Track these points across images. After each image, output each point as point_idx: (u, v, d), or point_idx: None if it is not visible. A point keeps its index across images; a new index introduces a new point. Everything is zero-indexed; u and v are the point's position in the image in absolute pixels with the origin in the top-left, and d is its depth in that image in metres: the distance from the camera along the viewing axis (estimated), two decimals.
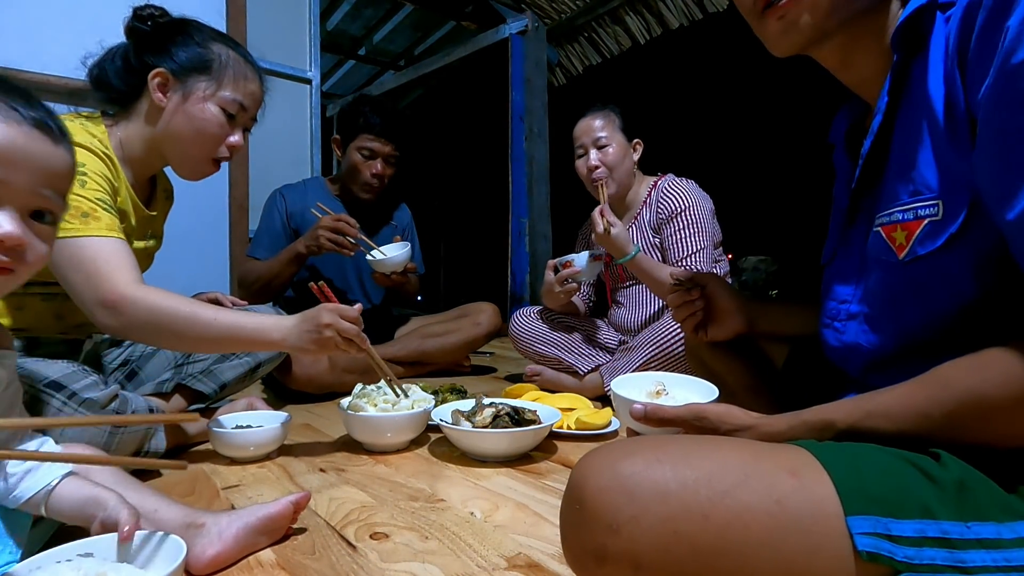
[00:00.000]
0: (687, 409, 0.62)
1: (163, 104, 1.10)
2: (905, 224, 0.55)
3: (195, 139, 1.12)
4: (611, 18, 3.41)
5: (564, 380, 1.74)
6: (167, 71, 1.09)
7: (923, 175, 0.54)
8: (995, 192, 0.46)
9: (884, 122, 0.59)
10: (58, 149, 0.63)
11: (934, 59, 0.54)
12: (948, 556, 0.43)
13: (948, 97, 0.52)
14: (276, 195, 1.95)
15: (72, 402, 0.92)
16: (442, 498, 0.94)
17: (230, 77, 1.13)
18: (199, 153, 1.14)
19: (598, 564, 0.46)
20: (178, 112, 1.10)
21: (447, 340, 2.02)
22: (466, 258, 4.63)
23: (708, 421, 0.61)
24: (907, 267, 0.56)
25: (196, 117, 1.11)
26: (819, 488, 0.45)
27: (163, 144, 1.12)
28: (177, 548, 0.60)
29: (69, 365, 0.97)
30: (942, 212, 0.52)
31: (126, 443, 0.97)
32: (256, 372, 1.36)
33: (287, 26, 2.69)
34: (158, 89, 1.09)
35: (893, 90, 0.58)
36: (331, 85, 5.12)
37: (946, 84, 0.52)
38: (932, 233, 0.53)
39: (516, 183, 3.47)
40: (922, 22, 0.55)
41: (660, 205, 1.69)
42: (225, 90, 1.13)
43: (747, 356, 0.94)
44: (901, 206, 0.56)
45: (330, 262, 1.94)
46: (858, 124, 0.71)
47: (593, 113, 1.72)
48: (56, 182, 0.63)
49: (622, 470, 0.47)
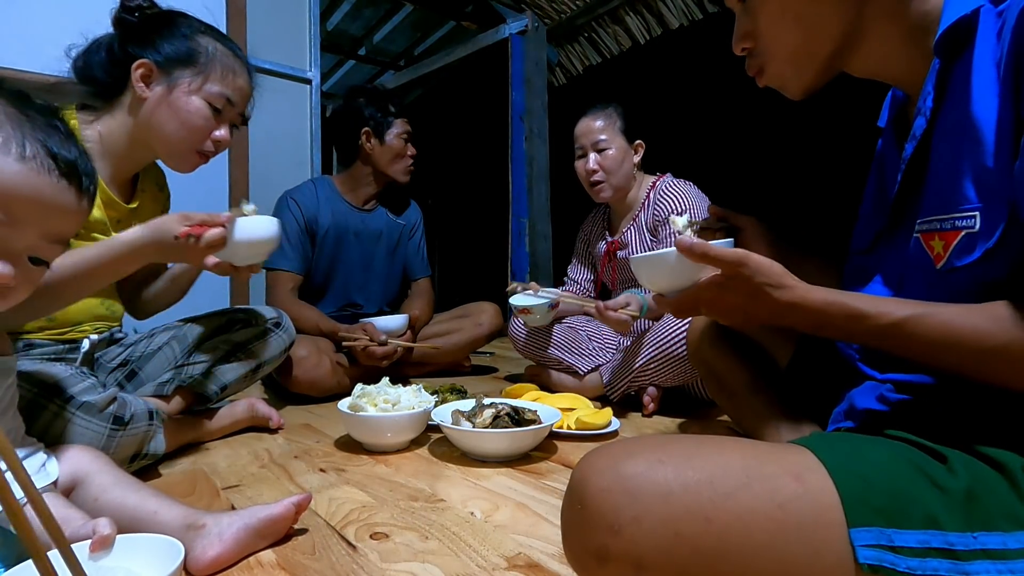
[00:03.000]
0: (733, 252, 0.60)
1: (145, 95, 1.08)
2: (943, 234, 0.54)
3: (179, 132, 1.10)
4: (611, 18, 3.41)
5: (564, 380, 1.74)
6: (151, 63, 1.07)
7: (963, 184, 0.53)
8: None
9: (928, 127, 0.58)
10: (81, 204, 0.62)
11: (981, 61, 0.52)
12: (952, 568, 0.42)
13: (1000, 106, 0.50)
14: (286, 200, 1.92)
15: (70, 406, 0.90)
16: (442, 498, 0.94)
17: (217, 71, 1.12)
18: (183, 146, 1.12)
19: (599, 564, 0.46)
20: (162, 104, 1.09)
21: (448, 340, 2.01)
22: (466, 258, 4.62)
23: (747, 269, 0.59)
24: (945, 276, 0.55)
25: (180, 109, 1.09)
26: (823, 496, 0.45)
27: (147, 136, 1.11)
28: (175, 551, 0.60)
29: (67, 368, 0.95)
30: (979, 224, 0.51)
31: (125, 445, 0.96)
32: (257, 372, 1.36)
33: (287, 26, 2.69)
34: (141, 80, 1.07)
35: (937, 94, 0.57)
36: (331, 85, 5.11)
37: (999, 91, 0.51)
38: (969, 246, 0.52)
39: (516, 183, 3.47)
40: (968, 24, 0.54)
41: (656, 207, 1.68)
42: (211, 84, 1.11)
43: (749, 356, 0.94)
44: (940, 215, 0.55)
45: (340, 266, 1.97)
46: (903, 111, 0.70)
47: (594, 113, 1.71)
48: (67, 235, 0.63)
49: (624, 471, 0.47)
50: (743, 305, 0.62)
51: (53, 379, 0.92)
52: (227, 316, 1.36)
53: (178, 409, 1.22)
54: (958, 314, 0.50)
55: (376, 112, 1.93)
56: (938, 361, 0.52)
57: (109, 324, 1.18)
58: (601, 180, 1.68)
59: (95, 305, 1.14)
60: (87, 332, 1.13)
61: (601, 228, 1.90)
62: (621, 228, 1.79)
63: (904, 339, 0.53)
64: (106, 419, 0.93)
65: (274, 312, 1.42)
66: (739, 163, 2.81)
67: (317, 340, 1.72)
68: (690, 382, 1.54)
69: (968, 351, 0.49)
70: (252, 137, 2.39)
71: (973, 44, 0.53)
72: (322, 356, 1.66)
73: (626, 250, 1.76)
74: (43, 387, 0.90)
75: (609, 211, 1.87)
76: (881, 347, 0.56)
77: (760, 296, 0.60)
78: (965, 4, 0.54)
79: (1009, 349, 0.47)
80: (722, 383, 0.98)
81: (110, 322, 1.19)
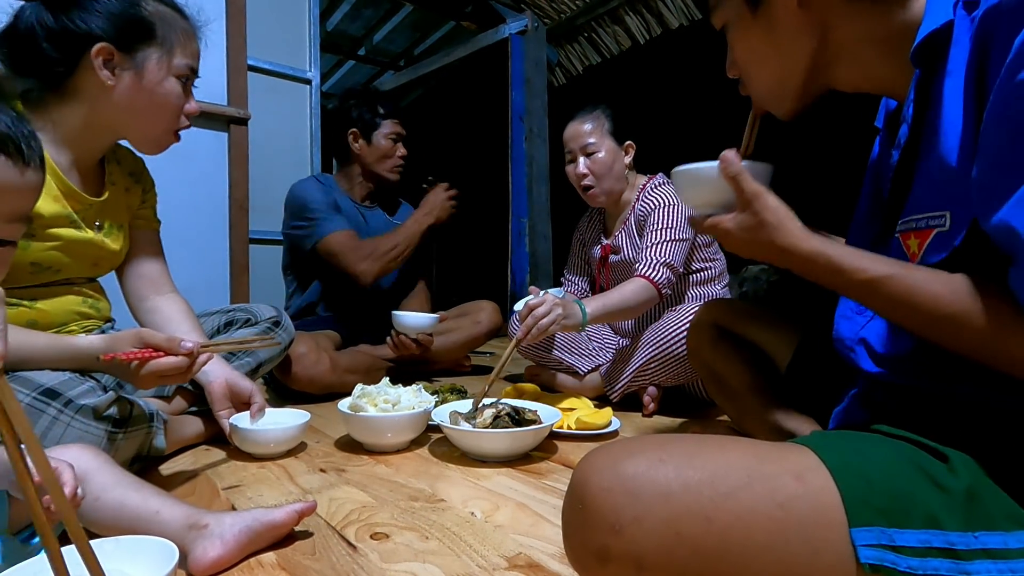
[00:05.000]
0: (752, 185, 0.63)
1: (112, 83, 1.00)
2: (918, 232, 0.56)
3: (157, 117, 1.06)
4: (611, 18, 3.41)
5: (564, 380, 1.74)
6: (111, 46, 0.98)
7: (936, 186, 0.55)
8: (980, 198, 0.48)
9: (911, 134, 0.59)
10: (26, 175, 0.59)
11: (955, 67, 0.54)
12: (953, 567, 0.42)
13: (965, 110, 0.52)
14: (307, 182, 1.96)
15: (68, 409, 0.88)
16: (442, 498, 0.94)
17: (178, 41, 1.05)
18: (160, 129, 1.08)
19: (600, 564, 0.46)
20: (134, 91, 1.02)
21: (447, 339, 2.02)
22: (466, 258, 4.62)
23: (758, 203, 0.62)
24: None
25: (157, 94, 1.03)
26: (824, 495, 0.45)
27: (117, 122, 1.05)
28: (169, 554, 0.59)
29: (63, 372, 0.93)
30: (949, 224, 0.53)
31: (126, 447, 0.95)
32: (257, 372, 1.36)
33: (287, 26, 2.68)
34: (104, 67, 0.99)
35: (918, 102, 0.58)
36: (331, 85, 5.11)
37: (964, 96, 0.52)
38: (940, 244, 0.54)
39: (516, 183, 3.47)
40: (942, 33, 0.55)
41: (640, 207, 1.68)
42: (177, 57, 1.05)
43: (750, 356, 0.94)
44: (916, 215, 0.57)
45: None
46: (896, 114, 0.71)
47: (582, 117, 1.70)
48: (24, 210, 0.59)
49: (625, 470, 0.47)
50: (748, 239, 0.64)
51: (50, 383, 0.89)
52: (227, 315, 1.36)
53: (179, 410, 1.22)
54: (924, 279, 0.52)
55: (365, 113, 1.97)
56: (903, 321, 0.55)
57: (99, 323, 1.15)
58: (592, 185, 1.68)
59: (76, 303, 1.09)
60: (75, 332, 1.09)
61: (596, 231, 1.89)
62: (614, 230, 1.79)
63: (875, 297, 0.55)
64: (105, 422, 0.92)
65: (273, 311, 1.42)
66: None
67: (317, 337, 1.73)
68: (690, 382, 1.54)
69: (926, 315, 0.51)
70: (252, 137, 2.39)
71: (949, 52, 0.55)
72: (321, 353, 1.66)
73: (620, 254, 1.75)
74: (40, 391, 0.88)
75: (603, 212, 1.87)
76: (860, 302, 0.60)
77: (762, 232, 0.62)
78: (942, 13, 0.55)
79: (957, 318, 0.49)
80: (722, 383, 0.98)
81: (99, 320, 1.15)
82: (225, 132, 2.33)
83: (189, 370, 0.93)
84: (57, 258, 1.02)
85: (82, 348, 0.91)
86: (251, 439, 1.13)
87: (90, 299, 1.13)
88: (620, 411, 1.51)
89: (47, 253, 1.00)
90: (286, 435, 1.15)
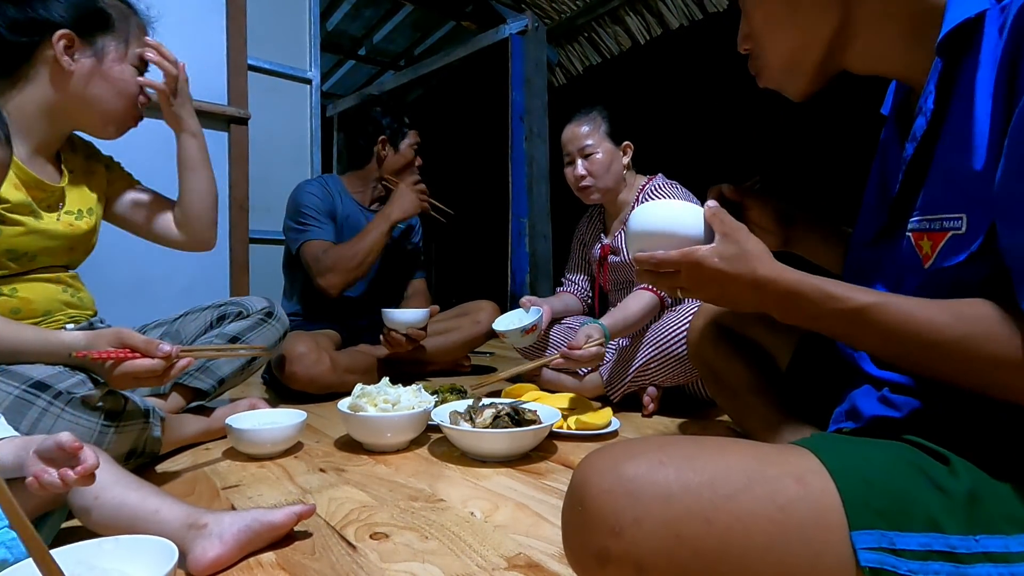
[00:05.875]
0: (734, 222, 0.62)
1: (72, 68, 1.04)
2: (931, 234, 0.55)
3: (116, 103, 1.10)
4: (611, 18, 3.41)
5: (564, 380, 1.73)
6: (72, 33, 1.02)
7: (954, 186, 0.53)
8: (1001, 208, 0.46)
9: (929, 128, 0.57)
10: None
11: (985, 63, 0.52)
12: (953, 570, 0.42)
13: (993, 109, 0.50)
14: (305, 186, 1.96)
15: (59, 401, 0.88)
16: (442, 498, 0.94)
17: (133, 31, 1.12)
18: (119, 115, 1.12)
19: (600, 566, 0.46)
20: (94, 77, 1.06)
21: (447, 339, 2.01)
22: (466, 258, 4.62)
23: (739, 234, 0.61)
24: (932, 276, 0.55)
25: (116, 80, 1.09)
26: (824, 498, 0.45)
27: (76, 109, 1.08)
28: (168, 553, 0.59)
29: (54, 366, 0.92)
30: (966, 227, 0.51)
31: (119, 442, 0.95)
32: (252, 364, 1.36)
33: (287, 26, 2.69)
34: (65, 53, 1.02)
35: (940, 93, 0.56)
36: (331, 85, 5.12)
37: (993, 95, 0.50)
38: (954, 247, 0.52)
39: (516, 183, 3.47)
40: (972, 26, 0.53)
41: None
42: (132, 47, 1.12)
43: (750, 356, 0.94)
44: (930, 215, 0.55)
45: None
46: (907, 100, 0.69)
47: (579, 119, 1.70)
48: None
49: (625, 472, 0.47)
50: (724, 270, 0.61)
51: (40, 376, 0.89)
52: (218, 310, 1.36)
53: (176, 407, 1.21)
54: (918, 306, 0.50)
55: (393, 122, 2.01)
56: (900, 352, 0.53)
57: (84, 313, 1.14)
58: (589, 185, 1.68)
59: (56, 292, 1.09)
60: (61, 322, 1.09)
61: (596, 230, 1.89)
62: (613, 231, 1.79)
63: (867, 327, 0.53)
64: (97, 414, 0.91)
65: (266, 302, 1.41)
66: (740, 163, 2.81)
67: (317, 337, 1.73)
68: (690, 382, 1.54)
69: (924, 343, 0.50)
70: (252, 137, 2.39)
71: (978, 45, 0.53)
72: (321, 353, 1.66)
73: (619, 255, 1.75)
74: (30, 384, 0.87)
75: (603, 212, 1.87)
76: (848, 339, 0.57)
77: (742, 262, 0.60)
78: (971, 4, 0.53)
79: (961, 345, 0.48)
80: (722, 383, 0.98)
81: (82, 310, 1.14)
82: (225, 132, 2.33)
83: (166, 373, 0.92)
84: (28, 243, 1.03)
85: (65, 343, 0.92)
86: (247, 439, 1.13)
87: (71, 288, 1.13)
88: (620, 411, 1.51)
89: (18, 239, 1.01)
90: (282, 435, 1.15)
